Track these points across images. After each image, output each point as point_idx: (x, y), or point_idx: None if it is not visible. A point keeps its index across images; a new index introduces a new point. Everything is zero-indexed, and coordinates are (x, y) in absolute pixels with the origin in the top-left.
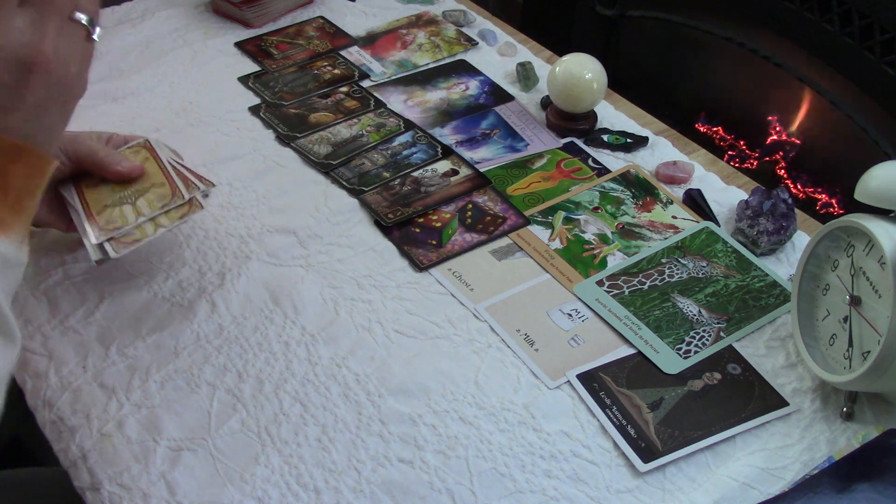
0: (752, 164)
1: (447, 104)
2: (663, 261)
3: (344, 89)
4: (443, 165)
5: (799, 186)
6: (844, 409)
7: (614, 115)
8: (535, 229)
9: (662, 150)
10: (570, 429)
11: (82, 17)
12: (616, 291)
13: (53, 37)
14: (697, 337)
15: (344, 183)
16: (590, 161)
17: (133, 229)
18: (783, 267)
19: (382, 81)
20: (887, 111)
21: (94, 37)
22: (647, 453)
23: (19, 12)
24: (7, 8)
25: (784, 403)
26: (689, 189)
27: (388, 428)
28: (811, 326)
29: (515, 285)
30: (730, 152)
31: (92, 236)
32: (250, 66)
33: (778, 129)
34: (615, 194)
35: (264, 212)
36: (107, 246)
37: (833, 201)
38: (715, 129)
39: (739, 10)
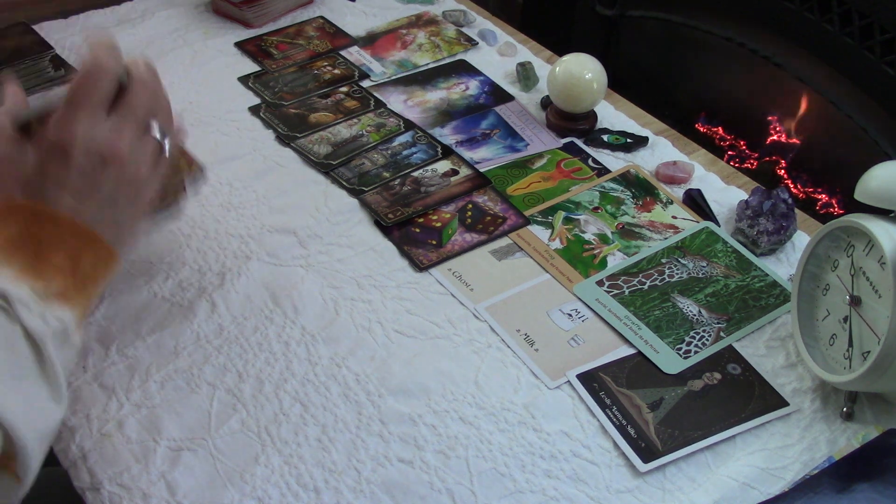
0: (752, 164)
1: (447, 104)
2: (663, 261)
3: (344, 89)
4: (443, 165)
5: (799, 186)
6: (844, 409)
7: (614, 115)
8: (535, 229)
9: (662, 150)
10: (570, 429)
11: (157, 131)
12: (616, 291)
13: (130, 140)
14: (697, 337)
15: (344, 183)
16: (590, 161)
17: None
18: (783, 267)
19: (382, 81)
20: (887, 111)
21: (165, 153)
22: (647, 453)
23: (105, 117)
24: (96, 110)
25: (784, 403)
26: (689, 189)
27: (388, 428)
28: (811, 326)
29: (515, 285)
30: (730, 152)
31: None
32: (250, 66)
33: (778, 129)
34: (615, 194)
35: (264, 212)
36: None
37: (833, 201)
38: (715, 129)
39: (739, 10)
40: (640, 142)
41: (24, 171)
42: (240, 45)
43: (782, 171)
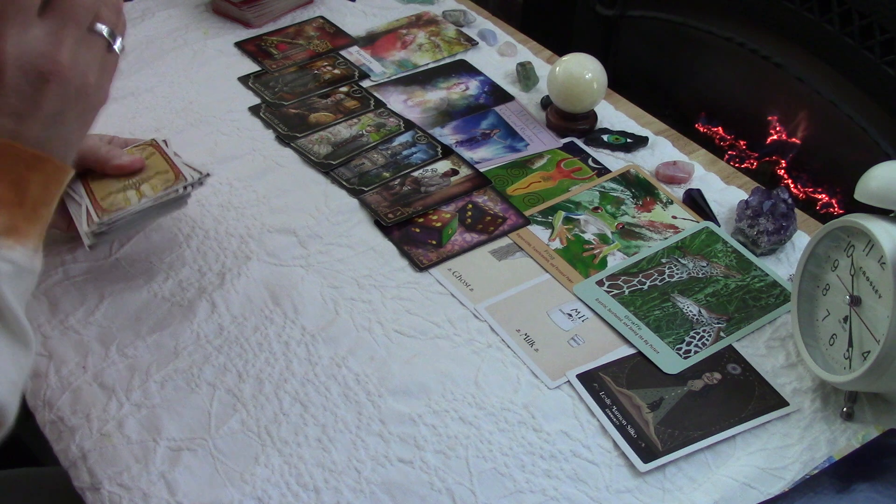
0: (752, 164)
1: (447, 104)
2: (663, 261)
3: (344, 89)
4: (443, 165)
5: (799, 186)
6: (844, 409)
7: (614, 115)
8: (535, 229)
9: (662, 150)
10: (570, 429)
11: (103, 29)
12: (616, 291)
13: (71, 47)
14: (697, 337)
15: (344, 183)
16: (590, 161)
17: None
18: (783, 267)
19: (382, 81)
20: (887, 111)
21: (115, 48)
22: (647, 453)
23: (37, 22)
24: (25, 17)
25: (784, 403)
26: (689, 189)
27: (388, 428)
28: (811, 326)
29: (515, 285)
30: (730, 152)
31: (85, 221)
32: (250, 66)
33: (778, 129)
34: (615, 194)
35: (264, 212)
36: (91, 212)
37: (833, 201)
38: (715, 129)
39: (739, 10)
40: (640, 142)
41: None
42: (240, 45)
43: (782, 171)
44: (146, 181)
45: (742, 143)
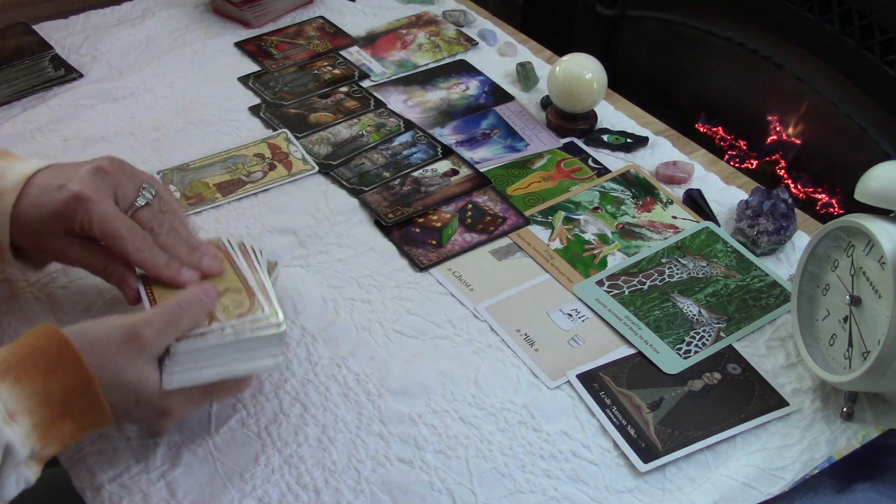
0: (752, 164)
1: (447, 104)
2: (663, 261)
3: (344, 89)
4: (443, 165)
5: (799, 186)
6: (844, 409)
7: (614, 115)
8: (535, 229)
9: (662, 150)
10: (570, 429)
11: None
12: (616, 291)
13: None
14: (697, 337)
15: (344, 183)
16: (590, 161)
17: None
18: (783, 267)
19: (382, 81)
20: (887, 111)
21: None
22: (647, 453)
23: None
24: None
25: (784, 403)
26: (689, 189)
27: (388, 428)
28: (811, 326)
29: (515, 285)
30: (730, 152)
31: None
32: (250, 66)
33: (778, 129)
34: (615, 194)
35: (264, 212)
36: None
37: (833, 201)
38: (715, 129)
39: (739, 10)
40: (640, 142)
41: (131, 378)
42: (240, 45)
43: (782, 171)
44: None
45: (742, 143)
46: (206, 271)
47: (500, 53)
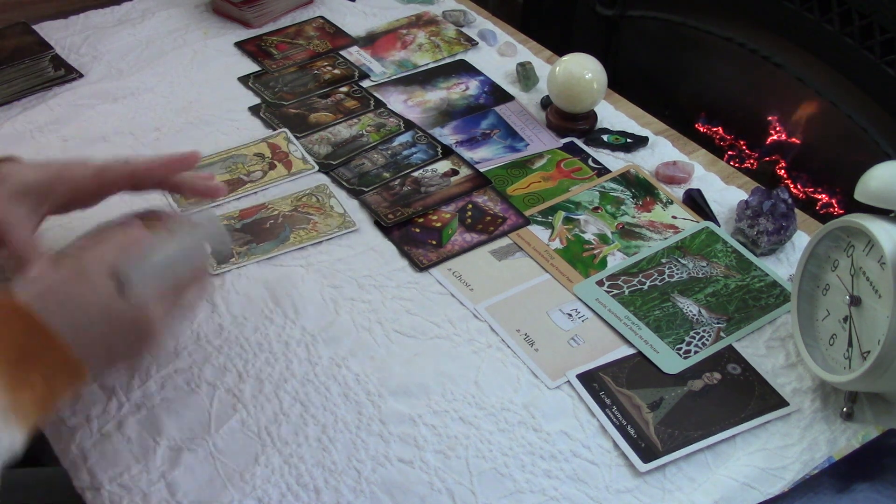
0: (752, 164)
1: (447, 104)
2: (663, 261)
3: (344, 89)
4: (443, 165)
5: (799, 186)
6: (844, 409)
7: (614, 115)
8: (535, 229)
9: (662, 150)
10: (570, 429)
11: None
12: (616, 291)
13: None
14: (697, 337)
15: (344, 183)
16: (590, 161)
17: None
18: (783, 267)
19: (382, 81)
20: (887, 111)
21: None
22: (647, 453)
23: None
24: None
25: (784, 403)
26: (689, 189)
27: (388, 428)
28: (811, 326)
29: (515, 285)
30: (730, 152)
31: None
32: (250, 66)
33: (778, 129)
34: (615, 194)
35: None
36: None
37: (833, 201)
38: (715, 129)
39: (739, 10)
40: (640, 142)
41: (88, 299)
42: (240, 45)
43: (782, 171)
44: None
45: (742, 143)
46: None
47: (500, 53)
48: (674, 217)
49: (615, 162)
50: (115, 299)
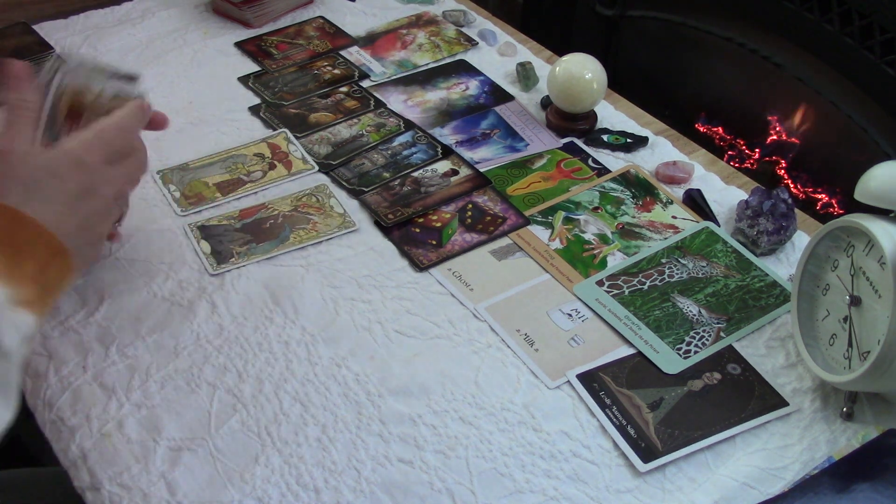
0: (752, 164)
1: (447, 104)
2: (663, 261)
3: (344, 89)
4: (443, 165)
5: (799, 186)
6: (844, 409)
7: (614, 115)
8: (535, 229)
9: (662, 150)
10: (570, 429)
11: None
12: (616, 291)
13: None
14: (697, 337)
15: (344, 183)
16: (590, 161)
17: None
18: (783, 267)
19: (382, 81)
20: (887, 111)
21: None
22: (647, 453)
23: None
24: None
25: (784, 403)
26: (689, 189)
27: (388, 428)
28: (811, 326)
29: (515, 285)
30: (730, 152)
31: None
32: (250, 66)
33: (778, 129)
34: (615, 194)
35: None
36: None
37: (833, 201)
38: (715, 129)
39: (739, 10)
40: (640, 142)
41: (27, 171)
42: (240, 45)
43: (782, 171)
44: None
45: (742, 143)
46: None
47: (500, 53)
48: (674, 217)
49: (615, 162)
50: (48, 154)
